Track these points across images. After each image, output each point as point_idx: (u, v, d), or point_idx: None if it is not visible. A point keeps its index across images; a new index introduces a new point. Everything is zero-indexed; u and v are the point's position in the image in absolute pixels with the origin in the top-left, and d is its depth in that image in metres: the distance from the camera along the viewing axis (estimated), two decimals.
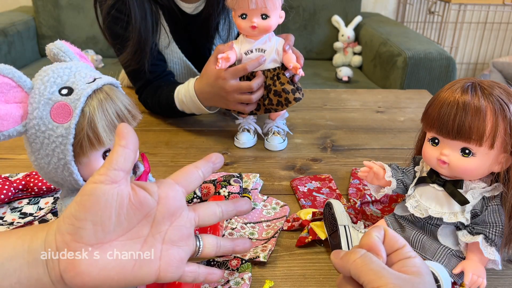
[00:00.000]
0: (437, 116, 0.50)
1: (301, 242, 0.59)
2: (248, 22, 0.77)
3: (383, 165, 0.58)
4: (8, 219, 0.62)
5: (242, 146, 0.88)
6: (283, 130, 0.90)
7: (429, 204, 0.53)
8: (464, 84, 0.50)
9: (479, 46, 2.92)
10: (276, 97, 0.82)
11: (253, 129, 0.90)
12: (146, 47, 0.92)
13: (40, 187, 0.65)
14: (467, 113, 0.48)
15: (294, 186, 0.73)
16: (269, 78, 0.82)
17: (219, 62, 0.78)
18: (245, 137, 0.89)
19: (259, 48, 0.80)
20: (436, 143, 0.52)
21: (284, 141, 0.89)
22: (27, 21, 2.32)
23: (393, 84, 1.94)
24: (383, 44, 2.08)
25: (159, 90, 0.97)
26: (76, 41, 2.36)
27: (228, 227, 0.62)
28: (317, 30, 2.44)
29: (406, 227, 0.56)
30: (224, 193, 0.63)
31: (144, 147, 0.88)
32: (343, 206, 0.59)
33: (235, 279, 0.52)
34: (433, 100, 0.52)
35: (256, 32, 0.78)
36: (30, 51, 2.33)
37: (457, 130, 0.48)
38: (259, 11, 0.76)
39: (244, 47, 0.81)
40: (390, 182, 0.57)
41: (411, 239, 0.55)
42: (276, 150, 0.88)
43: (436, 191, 0.53)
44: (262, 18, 0.77)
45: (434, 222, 0.54)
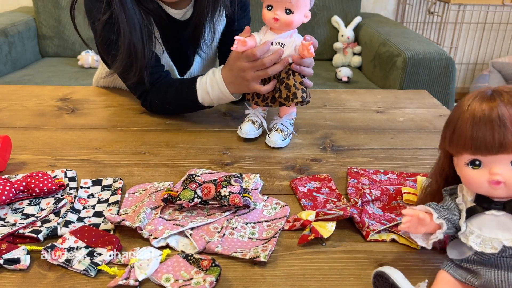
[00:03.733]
0: (471, 135, 0.45)
1: (304, 240, 0.59)
2: (272, 14, 0.79)
3: (427, 208, 0.50)
4: (10, 220, 0.62)
5: (244, 135, 0.89)
6: (288, 129, 0.90)
7: (495, 234, 0.46)
8: (485, 93, 0.46)
9: (478, 46, 2.93)
10: (286, 91, 0.83)
11: (259, 122, 0.91)
12: (138, 59, 0.93)
13: (41, 188, 0.66)
14: (505, 124, 0.43)
15: (293, 186, 0.74)
16: (284, 71, 0.84)
17: (235, 43, 0.81)
18: (248, 127, 0.89)
19: (279, 42, 0.82)
20: (477, 165, 0.46)
21: (285, 140, 0.89)
22: (27, 21, 2.32)
23: (392, 84, 1.94)
24: (382, 44, 2.08)
25: (170, 89, 0.98)
26: (76, 41, 2.37)
27: (228, 227, 0.62)
28: (316, 30, 2.44)
29: (478, 270, 0.48)
30: (224, 193, 0.63)
31: (144, 147, 0.88)
32: (400, 273, 0.48)
33: (198, 279, 0.51)
34: (456, 119, 0.47)
35: (277, 25, 0.80)
36: (30, 51, 2.33)
37: (500, 145, 0.44)
38: (284, 5, 0.78)
39: (265, 38, 0.83)
40: (439, 225, 0.49)
41: (494, 281, 0.46)
42: (275, 146, 0.88)
43: (496, 218, 0.47)
44: (286, 13, 0.79)
45: (509, 253, 0.46)
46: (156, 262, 0.53)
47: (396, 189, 0.73)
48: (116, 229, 0.62)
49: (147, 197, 0.67)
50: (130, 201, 0.68)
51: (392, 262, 0.57)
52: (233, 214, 0.65)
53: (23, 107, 1.07)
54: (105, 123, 0.99)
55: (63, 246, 0.56)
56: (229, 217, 0.64)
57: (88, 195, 0.70)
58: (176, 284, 0.51)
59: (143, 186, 0.72)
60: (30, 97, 1.13)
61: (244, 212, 0.65)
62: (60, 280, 0.53)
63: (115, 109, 1.08)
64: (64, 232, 0.59)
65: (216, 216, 0.64)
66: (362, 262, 0.58)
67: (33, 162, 0.81)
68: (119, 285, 0.51)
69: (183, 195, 0.63)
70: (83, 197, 0.69)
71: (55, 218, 0.62)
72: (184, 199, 0.63)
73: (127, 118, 1.02)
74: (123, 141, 0.91)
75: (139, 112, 1.05)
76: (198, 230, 0.61)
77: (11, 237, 0.58)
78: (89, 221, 0.63)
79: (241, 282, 0.54)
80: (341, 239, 0.62)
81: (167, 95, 0.98)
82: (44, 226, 0.60)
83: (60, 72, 2.15)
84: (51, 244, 0.56)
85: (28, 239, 0.58)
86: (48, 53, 2.42)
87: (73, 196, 0.68)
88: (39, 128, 0.96)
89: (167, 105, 1.00)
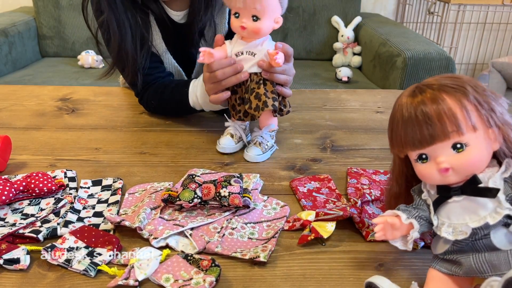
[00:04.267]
0: (404, 134, 0.48)
1: (304, 240, 0.59)
2: (239, 21, 0.75)
3: (395, 212, 0.52)
4: (10, 220, 0.62)
5: (222, 150, 0.85)
6: (267, 142, 0.85)
7: (463, 219, 0.47)
8: (411, 90, 0.49)
9: (478, 47, 2.93)
10: (256, 100, 0.78)
11: (238, 136, 0.86)
12: (129, 63, 0.94)
13: (41, 188, 0.66)
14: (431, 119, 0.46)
15: (293, 186, 0.74)
16: (255, 82, 0.79)
17: (201, 55, 0.77)
18: (226, 142, 0.85)
19: (250, 51, 0.78)
20: (424, 158, 0.48)
21: (264, 153, 0.84)
22: (27, 21, 2.32)
23: (392, 84, 1.94)
24: (382, 44, 2.08)
25: (167, 90, 0.98)
26: (76, 41, 2.37)
27: (228, 227, 0.62)
28: (317, 30, 2.44)
29: (460, 259, 0.48)
30: (224, 193, 0.63)
31: (144, 147, 0.88)
32: (387, 280, 0.49)
33: (198, 279, 0.51)
34: (392, 119, 0.51)
35: (245, 33, 0.76)
36: (31, 51, 2.33)
37: (431, 137, 0.46)
38: (250, 12, 0.74)
39: (236, 48, 0.79)
40: (411, 225, 0.50)
41: (475, 266, 0.47)
42: (253, 161, 0.83)
43: (459, 203, 0.48)
44: (253, 20, 0.75)
45: (481, 234, 0.47)
46: (156, 262, 0.53)
47: None
48: (116, 229, 0.62)
49: (147, 197, 0.67)
50: (130, 201, 0.68)
51: (392, 262, 0.58)
52: (233, 214, 0.65)
53: (23, 107, 1.07)
54: (105, 123, 0.99)
55: (63, 246, 0.56)
56: (229, 217, 0.64)
57: (88, 195, 0.70)
58: (176, 284, 0.51)
59: (143, 186, 0.72)
60: (30, 97, 1.14)
61: (244, 212, 0.65)
62: (60, 280, 0.53)
63: (115, 109, 1.08)
64: (64, 232, 0.59)
65: (216, 216, 0.64)
66: (362, 262, 0.58)
67: (33, 162, 0.81)
68: (119, 285, 0.51)
69: (183, 195, 0.64)
70: (83, 197, 0.69)
71: (55, 218, 0.62)
72: (184, 200, 0.63)
73: (127, 118, 1.02)
74: (123, 141, 0.91)
75: (139, 112, 1.05)
76: (198, 230, 0.61)
77: (11, 237, 0.58)
78: (89, 221, 0.63)
79: (241, 282, 0.54)
80: (341, 239, 0.62)
81: (163, 96, 0.98)
82: (44, 226, 0.60)
83: (60, 72, 2.15)
84: (51, 244, 0.56)
85: (28, 239, 0.58)
86: (48, 53, 2.42)
87: (73, 196, 0.68)
88: (39, 128, 0.96)
89: (163, 105, 1.00)
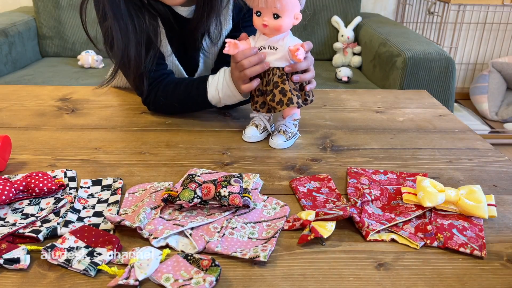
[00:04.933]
0: None
1: (304, 239, 0.59)
2: (261, 19, 0.80)
3: None
4: (10, 220, 0.62)
5: (247, 139, 0.91)
6: (291, 130, 0.91)
7: None
8: None
9: (478, 47, 2.93)
10: (280, 95, 0.84)
11: (263, 125, 0.92)
12: (132, 68, 0.95)
13: (41, 188, 0.66)
14: None
15: (293, 186, 0.74)
16: (277, 76, 0.84)
17: (227, 45, 0.82)
18: (251, 132, 0.91)
19: (271, 46, 0.83)
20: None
21: (288, 140, 0.89)
22: (27, 21, 2.32)
23: (392, 85, 1.94)
24: (382, 44, 2.08)
25: (180, 86, 0.98)
26: (76, 41, 2.37)
27: (228, 227, 0.62)
28: (316, 30, 2.44)
29: None
30: (224, 193, 0.63)
31: (144, 147, 0.88)
32: None
33: (198, 279, 0.51)
34: None
35: (267, 31, 0.81)
36: (31, 51, 2.33)
37: None
38: (271, 11, 0.78)
39: (258, 43, 0.84)
40: None
41: None
42: (277, 148, 0.89)
43: None
44: (274, 18, 0.79)
45: None
46: (156, 262, 0.53)
47: (396, 189, 0.73)
48: (116, 229, 0.62)
49: (147, 197, 0.67)
50: (130, 201, 0.68)
51: (391, 261, 0.58)
52: (233, 214, 0.65)
53: (23, 107, 1.07)
54: (105, 123, 0.99)
55: (63, 246, 0.56)
56: (229, 217, 0.64)
57: (88, 195, 0.70)
58: (176, 283, 0.51)
59: (143, 186, 0.72)
60: (30, 97, 1.14)
61: (244, 212, 0.65)
62: (60, 280, 0.53)
63: (115, 109, 1.08)
64: (64, 232, 0.59)
65: (216, 216, 0.64)
66: (362, 262, 0.58)
67: (33, 162, 0.81)
68: (119, 285, 0.51)
69: (183, 195, 0.64)
70: (83, 197, 0.69)
71: (55, 218, 0.62)
72: (184, 199, 0.63)
73: (127, 118, 1.02)
74: (123, 141, 0.91)
75: (139, 112, 1.05)
76: (198, 230, 0.61)
77: (11, 237, 0.58)
78: (89, 221, 0.63)
79: (241, 281, 0.54)
80: (340, 239, 0.62)
81: (175, 92, 0.99)
82: (44, 226, 0.60)
83: (60, 72, 2.15)
84: (51, 244, 0.56)
85: (28, 239, 0.59)
86: (48, 53, 2.42)
87: (73, 196, 0.68)
88: (39, 128, 0.96)
89: (173, 102, 1.00)
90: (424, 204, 0.65)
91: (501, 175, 0.81)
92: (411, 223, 0.64)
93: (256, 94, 0.89)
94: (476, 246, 0.59)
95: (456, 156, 0.88)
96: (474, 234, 0.62)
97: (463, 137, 0.97)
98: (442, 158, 0.87)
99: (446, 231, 0.61)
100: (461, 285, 0.54)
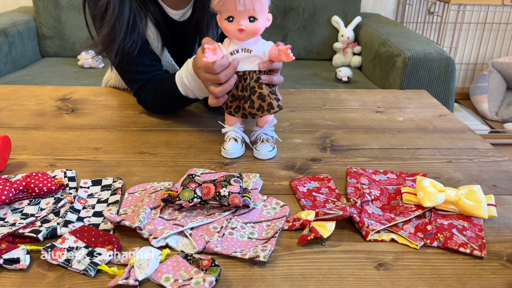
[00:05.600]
0: None
1: (304, 239, 0.59)
2: (236, 25, 0.74)
3: None
4: (9, 220, 0.62)
5: (230, 156, 0.84)
6: (272, 137, 0.86)
7: None
8: None
9: (478, 47, 2.93)
10: (259, 101, 0.79)
11: (241, 138, 0.86)
12: (115, 42, 0.94)
13: (41, 188, 0.66)
14: None
15: (293, 186, 0.74)
16: (253, 80, 0.79)
17: (206, 52, 0.75)
18: (232, 147, 0.84)
19: (245, 48, 0.78)
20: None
21: (274, 149, 0.85)
22: (27, 21, 2.32)
23: (392, 85, 1.94)
24: (382, 44, 2.08)
25: (159, 85, 0.98)
26: (76, 41, 2.37)
27: (228, 227, 0.62)
28: (316, 30, 2.44)
29: None
30: (224, 193, 0.63)
31: (144, 147, 0.88)
32: None
33: (198, 279, 0.51)
34: None
35: (243, 36, 0.76)
36: (30, 51, 2.34)
37: None
38: (247, 14, 0.73)
39: (230, 48, 0.78)
40: None
41: None
42: (265, 158, 0.84)
43: None
44: (250, 21, 0.74)
45: None
46: (156, 262, 0.53)
47: (396, 189, 0.73)
48: (116, 229, 0.62)
49: (146, 197, 0.67)
50: (130, 201, 0.68)
51: (391, 261, 0.58)
52: (233, 214, 0.65)
53: (23, 107, 1.07)
54: (105, 123, 0.99)
55: (62, 246, 0.56)
56: (229, 217, 0.64)
57: (87, 195, 0.70)
58: (175, 284, 0.51)
59: (143, 186, 0.72)
60: (30, 97, 1.14)
61: (243, 212, 0.65)
62: (60, 280, 0.53)
63: (115, 109, 1.08)
64: (63, 232, 0.59)
65: (216, 216, 0.64)
66: (361, 261, 0.58)
67: (33, 162, 0.81)
68: (119, 285, 0.51)
69: (182, 195, 0.64)
70: (83, 197, 0.69)
71: (55, 218, 0.62)
72: (183, 199, 0.63)
73: (126, 118, 1.02)
74: (123, 141, 0.91)
75: (139, 112, 1.05)
76: (197, 230, 0.61)
77: (11, 237, 0.58)
78: (88, 221, 0.63)
79: (240, 282, 0.54)
80: (340, 239, 0.62)
81: (155, 91, 0.99)
82: (43, 226, 0.60)
83: (60, 72, 2.15)
84: (51, 244, 0.56)
85: (27, 239, 0.58)
86: (48, 53, 2.42)
87: (73, 196, 0.68)
88: (39, 128, 0.96)
89: (157, 102, 1.00)
90: (424, 204, 0.65)
91: (501, 175, 0.81)
92: (411, 223, 0.64)
93: (230, 100, 0.82)
94: (476, 246, 0.59)
95: (456, 156, 0.88)
96: (474, 234, 0.62)
97: (463, 137, 0.97)
98: (442, 158, 0.87)
99: (446, 231, 0.61)
100: (461, 285, 0.54)
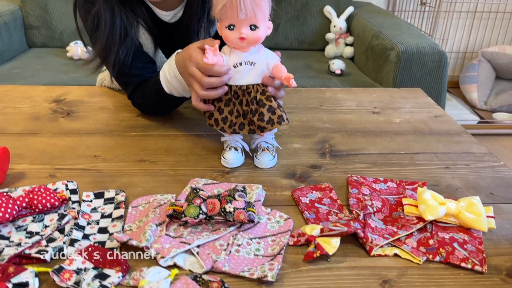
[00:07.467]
0: None
1: (309, 256, 0.60)
2: (236, 33, 0.73)
3: None
4: (15, 240, 0.62)
5: (230, 166, 0.83)
6: (273, 145, 0.86)
7: None
8: None
9: (468, 36, 2.94)
10: (269, 114, 0.78)
11: (241, 147, 0.85)
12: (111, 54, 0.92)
13: (44, 204, 0.65)
14: None
15: (295, 197, 0.74)
16: (259, 93, 0.78)
17: (207, 53, 0.74)
18: (233, 156, 0.83)
19: (249, 61, 0.77)
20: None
21: (274, 157, 0.85)
22: (13, 11, 2.26)
23: (385, 78, 1.95)
24: (375, 37, 2.08)
25: (147, 85, 0.97)
26: (64, 31, 2.32)
27: (234, 244, 0.62)
28: (309, 20, 2.42)
29: None
30: (229, 208, 0.64)
31: (144, 154, 0.88)
32: None
33: None
34: None
35: (244, 44, 0.75)
36: (17, 42, 2.28)
37: None
38: (248, 22, 0.72)
39: (232, 60, 0.77)
40: None
41: None
42: (266, 167, 0.84)
43: None
44: (251, 29, 0.73)
45: None
46: (166, 284, 0.53)
47: (397, 199, 0.74)
48: (122, 246, 0.62)
49: (151, 212, 0.67)
50: (134, 215, 0.68)
51: (395, 278, 0.59)
52: (238, 229, 0.65)
53: (16, 110, 1.05)
54: (102, 127, 0.98)
55: (70, 268, 0.56)
56: (234, 232, 0.64)
57: (91, 209, 0.69)
58: None
59: (146, 199, 0.72)
60: (22, 98, 1.11)
61: (248, 227, 0.66)
62: None
63: (110, 112, 1.07)
64: (70, 252, 0.59)
65: (221, 231, 0.64)
66: (366, 278, 0.59)
67: (32, 173, 0.80)
68: None
69: (188, 211, 0.64)
70: (86, 212, 0.69)
71: (60, 237, 0.62)
72: (189, 216, 0.63)
73: (124, 122, 1.01)
74: (122, 147, 0.90)
75: (136, 115, 1.04)
76: (204, 248, 0.61)
77: (17, 258, 0.58)
78: (94, 238, 0.63)
79: None
80: (345, 254, 0.63)
81: (144, 92, 0.98)
82: (50, 245, 0.60)
83: (49, 65, 2.11)
84: (59, 266, 0.56)
85: (34, 259, 0.58)
86: (35, 44, 2.36)
87: (76, 211, 0.68)
88: (35, 133, 0.94)
89: (147, 102, 0.99)
90: (426, 218, 0.66)
91: (497, 182, 0.82)
92: (413, 237, 0.65)
93: (235, 116, 0.80)
94: (477, 261, 0.60)
95: (453, 161, 0.89)
96: (475, 247, 0.63)
97: (458, 140, 0.98)
98: (439, 164, 0.88)
99: (448, 245, 0.63)
100: None
